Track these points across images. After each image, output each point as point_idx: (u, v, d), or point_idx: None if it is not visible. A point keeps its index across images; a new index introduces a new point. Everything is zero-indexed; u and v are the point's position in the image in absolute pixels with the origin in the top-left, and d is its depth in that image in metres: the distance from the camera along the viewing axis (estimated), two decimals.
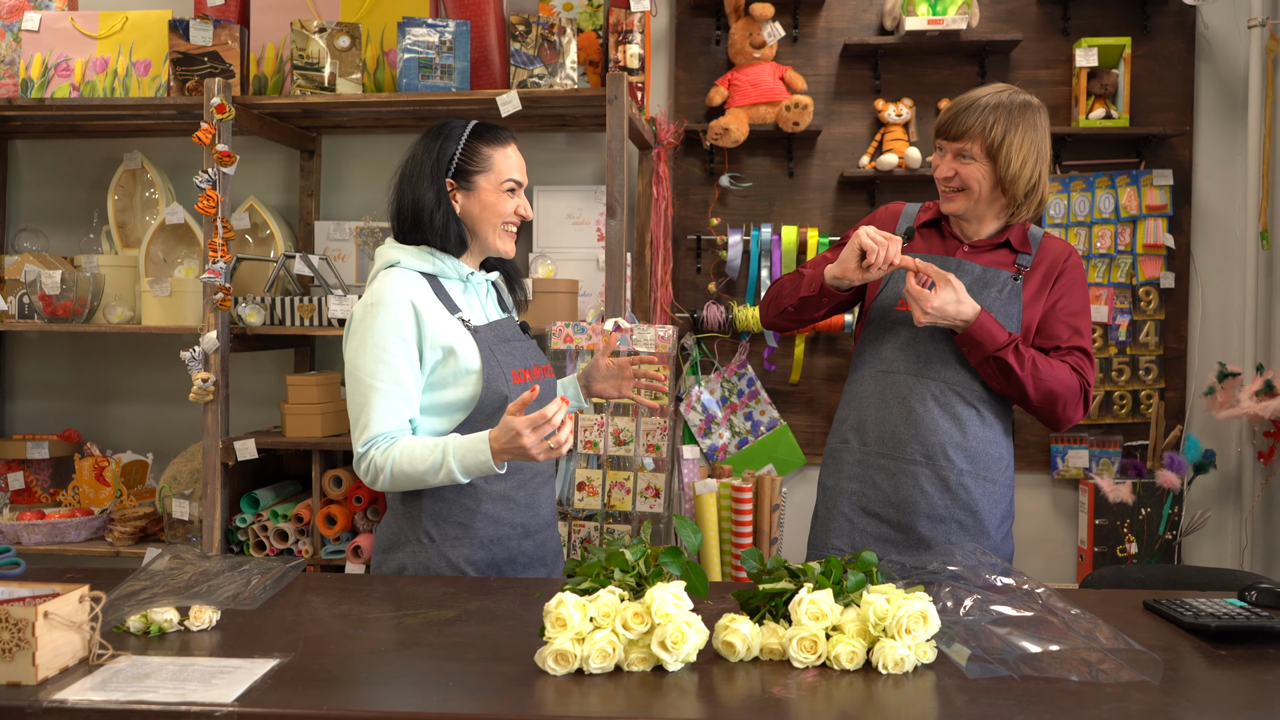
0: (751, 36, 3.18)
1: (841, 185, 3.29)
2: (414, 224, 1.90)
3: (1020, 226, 2.08)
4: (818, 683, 1.34)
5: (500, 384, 1.88)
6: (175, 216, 3.03)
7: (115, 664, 1.36)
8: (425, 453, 1.79)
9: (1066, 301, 2.04)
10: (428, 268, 1.91)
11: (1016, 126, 1.96)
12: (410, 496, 1.90)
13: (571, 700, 1.28)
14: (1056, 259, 2.06)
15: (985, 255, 2.06)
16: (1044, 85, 3.25)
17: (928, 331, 2.03)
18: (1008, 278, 2.02)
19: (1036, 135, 1.99)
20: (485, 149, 1.93)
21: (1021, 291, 2.02)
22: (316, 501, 2.87)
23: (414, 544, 1.90)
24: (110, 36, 3.06)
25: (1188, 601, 1.64)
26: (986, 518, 2.02)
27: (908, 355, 2.04)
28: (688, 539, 1.57)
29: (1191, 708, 1.27)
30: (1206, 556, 3.25)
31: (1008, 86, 2.04)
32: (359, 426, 1.83)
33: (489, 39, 2.92)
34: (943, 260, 2.05)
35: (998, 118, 1.96)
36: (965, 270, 2.03)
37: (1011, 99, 1.99)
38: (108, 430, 3.44)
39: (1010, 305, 2.01)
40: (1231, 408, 3.07)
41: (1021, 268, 2.03)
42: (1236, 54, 3.21)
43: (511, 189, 1.95)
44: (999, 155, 1.96)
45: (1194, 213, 3.24)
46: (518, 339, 2.01)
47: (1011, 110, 1.97)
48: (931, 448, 2.01)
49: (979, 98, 1.99)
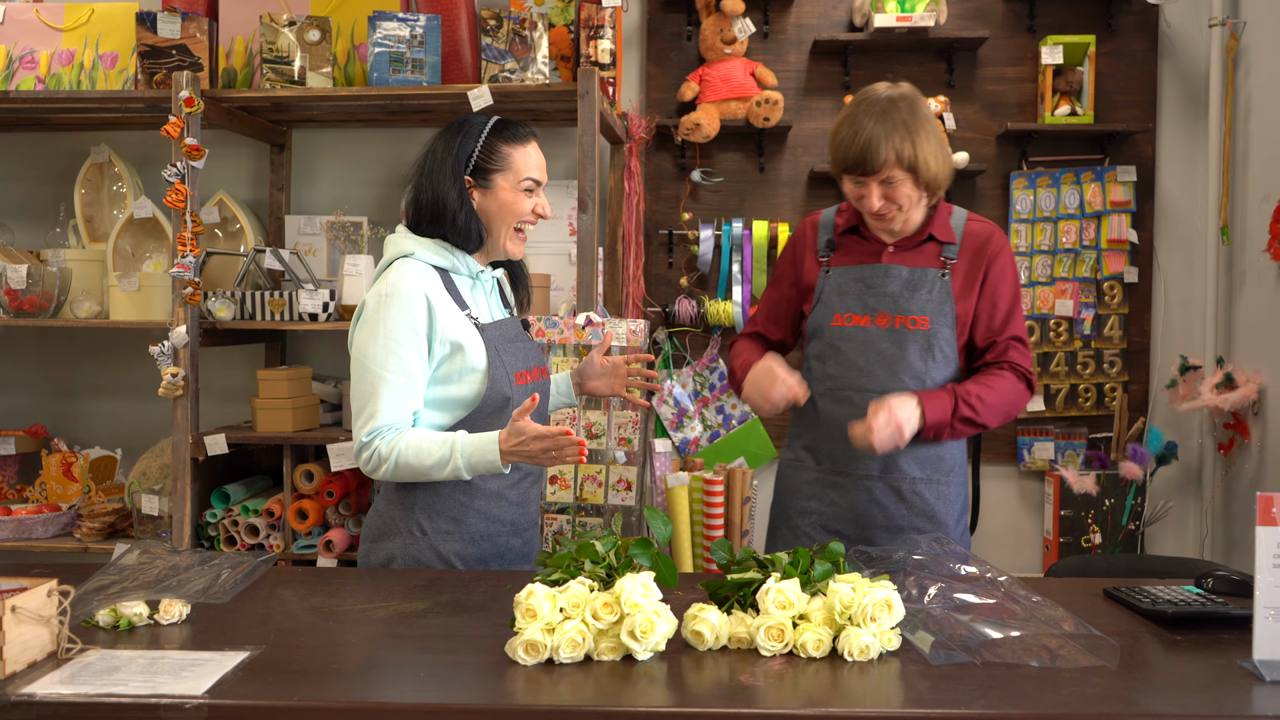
0: (722, 32, 3.20)
1: (812, 180, 3.32)
2: (433, 219, 1.89)
3: (942, 214, 2.05)
4: (785, 670, 1.36)
5: (504, 384, 1.88)
6: (143, 210, 3.00)
7: (84, 658, 1.36)
8: (433, 448, 1.79)
9: (999, 289, 2.03)
10: (442, 262, 1.90)
11: (918, 132, 1.92)
12: (404, 488, 1.90)
13: (542, 690, 1.29)
14: (982, 248, 2.03)
15: (910, 254, 2.03)
16: (1010, 82, 3.29)
17: (865, 348, 2.01)
18: (935, 276, 2.00)
19: (932, 125, 1.96)
20: (504, 147, 1.91)
21: (951, 287, 2.01)
22: (288, 496, 2.86)
23: (404, 535, 1.90)
24: (76, 28, 3.02)
25: (1146, 589, 1.68)
26: (944, 519, 2.04)
27: (849, 371, 2.03)
28: (658, 530, 1.59)
29: (1147, 691, 1.30)
30: (1169, 546, 3.31)
31: (879, 93, 1.97)
32: (364, 416, 1.82)
33: (460, 33, 2.92)
34: (869, 269, 2.04)
35: (902, 136, 1.91)
36: (893, 275, 2.02)
37: (898, 107, 1.93)
38: (75, 426, 3.41)
39: (943, 304, 2.00)
40: (1193, 400, 3.13)
41: (948, 260, 2.02)
42: (1198, 52, 3.27)
43: (529, 188, 1.93)
44: (918, 168, 1.93)
45: (1157, 208, 3.30)
46: (521, 339, 2.00)
47: (909, 120, 1.92)
48: (882, 461, 2.00)
49: (872, 125, 1.92)
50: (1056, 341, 3.30)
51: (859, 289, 2.04)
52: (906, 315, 1.99)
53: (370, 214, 3.29)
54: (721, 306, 3.26)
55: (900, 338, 1.99)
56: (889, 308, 2.01)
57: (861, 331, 2.01)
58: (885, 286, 2.01)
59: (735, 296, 3.27)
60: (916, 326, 1.99)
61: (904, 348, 1.99)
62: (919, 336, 1.99)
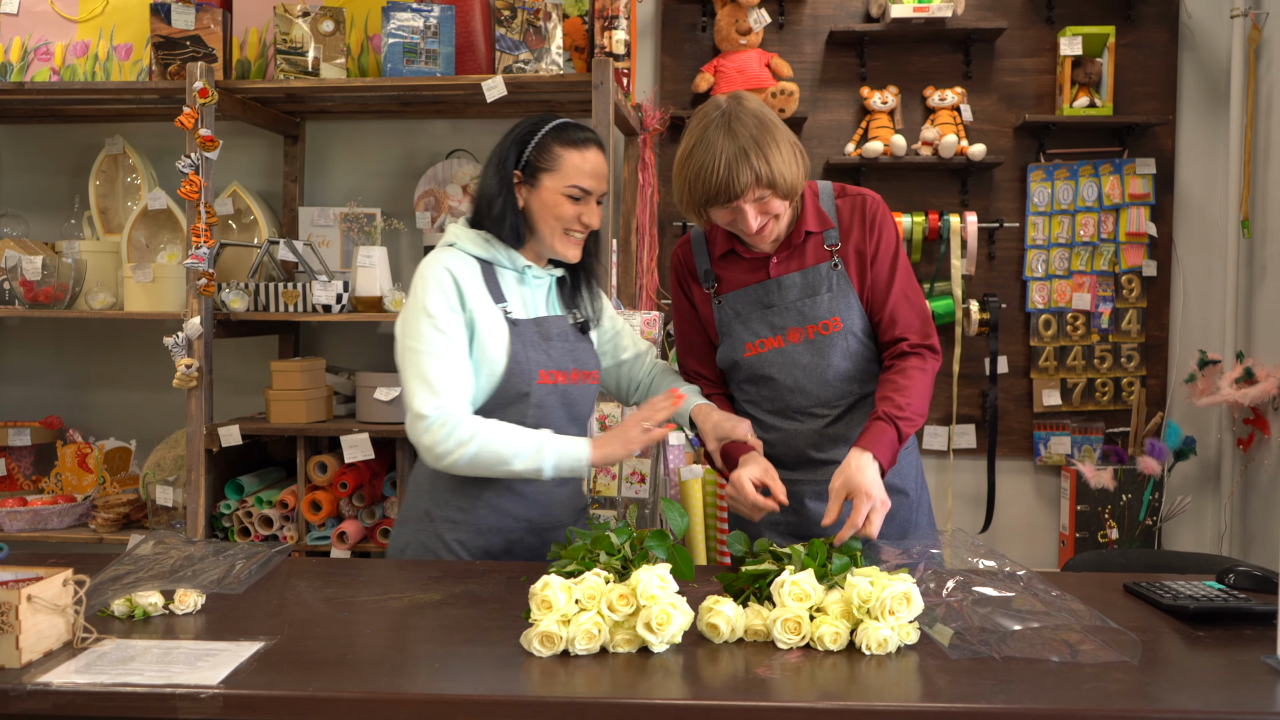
0: (737, 23, 3.18)
1: (827, 173, 3.29)
2: (478, 210, 1.91)
3: (810, 203, 1.93)
4: (801, 663, 1.35)
5: (521, 381, 1.86)
6: (158, 202, 3.01)
7: (99, 647, 1.36)
8: (518, 435, 1.79)
9: (883, 260, 1.92)
10: (482, 253, 1.89)
11: (767, 146, 1.78)
12: (422, 476, 1.91)
13: (557, 681, 1.28)
14: (861, 219, 1.93)
15: (796, 257, 1.93)
16: (1028, 74, 3.26)
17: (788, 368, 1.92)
18: (828, 269, 1.91)
19: (781, 131, 1.82)
20: (558, 148, 1.86)
21: (848, 275, 1.91)
22: (301, 487, 2.86)
23: (415, 523, 1.91)
24: (91, 20, 3.03)
25: (1167, 584, 1.66)
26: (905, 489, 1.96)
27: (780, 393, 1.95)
28: (674, 522, 1.58)
29: (1169, 687, 1.28)
30: (1186, 542, 3.29)
31: (722, 101, 1.84)
32: (421, 395, 1.77)
33: (474, 24, 2.90)
34: (762, 287, 1.93)
35: (756, 155, 1.77)
36: (786, 286, 1.92)
37: (740, 127, 1.78)
38: (90, 417, 3.42)
39: (846, 295, 1.91)
40: (1212, 395, 3.10)
41: (833, 247, 1.92)
42: (1219, 43, 3.23)
43: (575, 195, 1.86)
44: (777, 181, 1.79)
45: (1176, 201, 3.27)
46: (563, 339, 1.93)
47: (756, 138, 1.78)
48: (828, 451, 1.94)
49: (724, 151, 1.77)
50: (1074, 335, 3.28)
51: (758, 311, 1.94)
52: (816, 323, 1.91)
53: (384, 205, 3.29)
54: None
55: (817, 346, 1.91)
56: (795, 320, 1.91)
57: (778, 353, 1.92)
58: (784, 300, 1.92)
59: None
60: (830, 330, 1.90)
61: (825, 355, 1.91)
62: (836, 339, 1.90)
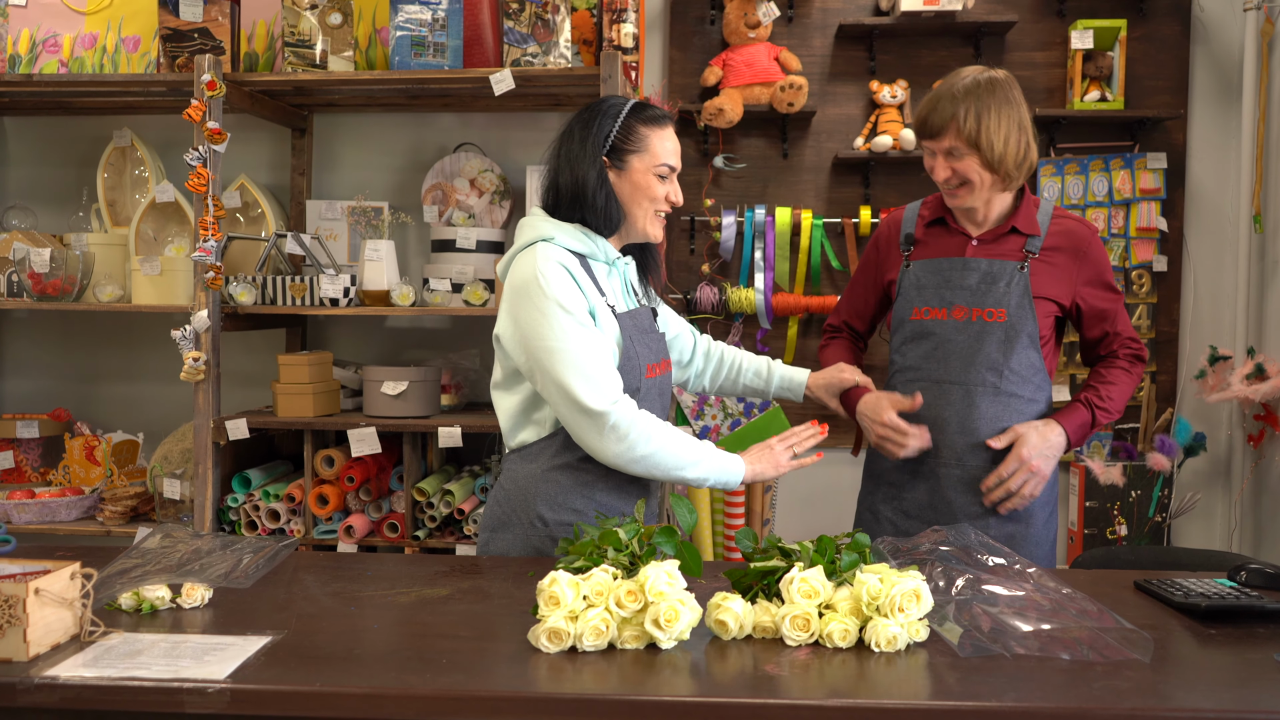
0: (746, 16, 3.17)
1: (836, 167, 3.28)
2: (572, 202, 1.85)
3: (1028, 206, 2.07)
4: (810, 660, 1.34)
5: (634, 377, 1.85)
6: (165, 195, 3.01)
7: (107, 641, 1.36)
8: (687, 443, 1.82)
9: (1098, 284, 2.07)
10: (580, 247, 1.85)
11: (988, 109, 1.94)
12: (524, 478, 1.87)
13: (565, 678, 1.28)
14: (1076, 245, 2.05)
15: (992, 246, 2.07)
16: (1039, 67, 3.24)
17: (941, 340, 2.06)
18: (1014, 269, 2.03)
19: (1011, 109, 1.97)
20: (643, 129, 1.86)
21: (1029, 281, 2.02)
22: (308, 481, 2.86)
23: (525, 526, 1.86)
24: (99, 12, 3.02)
25: (1178, 581, 1.65)
26: (1028, 512, 2.05)
27: (927, 363, 2.08)
28: (683, 518, 1.57)
29: (1181, 685, 1.27)
30: (1195, 539, 3.27)
31: (975, 69, 2.01)
32: (591, 390, 1.73)
33: (482, 17, 2.90)
34: (949, 262, 2.08)
35: (967, 107, 1.94)
36: (971, 269, 2.05)
37: (976, 81, 1.97)
38: (98, 410, 3.42)
39: (1023, 297, 2.02)
40: (1222, 391, 3.08)
41: (1029, 254, 2.04)
42: (1232, 37, 3.21)
43: (663, 174, 1.88)
44: (980, 142, 1.95)
45: (1187, 196, 3.25)
46: (652, 330, 1.96)
47: (979, 94, 1.95)
48: (962, 450, 2.04)
49: (945, 91, 1.98)
50: None
51: (936, 282, 2.07)
52: (983, 308, 2.03)
53: (391, 199, 3.28)
54: (743, 294, 3.23)
55: (977, 330, 2.03)
56: (965, 300, 2.04)
57: (938, 324, 2.05)
58: (963, 280, 2.05)
59: (757, 284, 3.24)
60: (994, 319, 2.02)
61: (981, 340, 2.02)
62: (996, 329, 2.02)
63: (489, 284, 2.91)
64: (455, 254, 3.00)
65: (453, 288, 2.88)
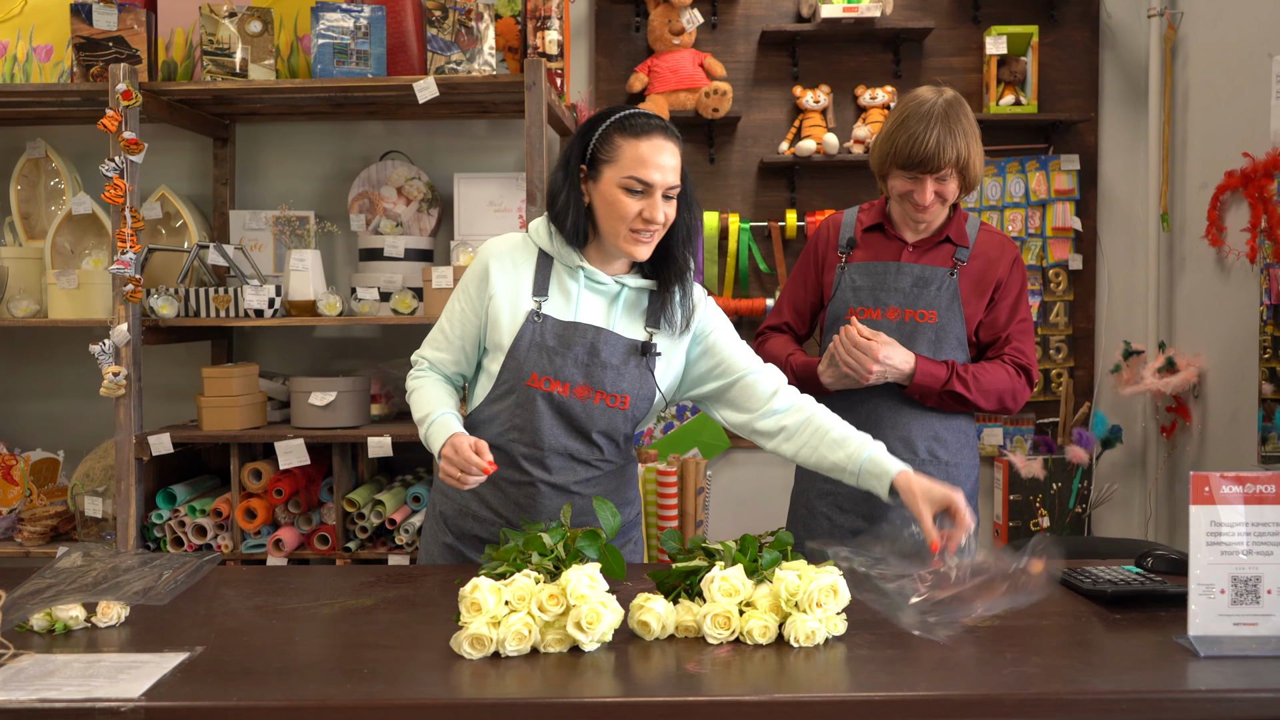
0: (670, 23, 3.20)
1: (762, 171, 3.33)
2: (546, 204, 1.87)
3: (959, 219, 2.16)
4: (731, 658, 1.37)
5: (511, 376, 1.83)
6: (82, 206, 2.94)
7: (17, 663, 1.33)
8: (422, 404, 1.87)
9: (1006, 299, 2.14)
10: (545, 246, 1.86)
11: (965, 133, 2.03)
12: None
13: (488, 683, 1.28)
14: (996, 259, 2.13)
15: (926, 254, 2.14)
16: (956, 72, 3.32)
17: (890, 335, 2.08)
18: (944, 274, 2.12)
19: (975, 127, 2.07)
20: (618, 138, 1.75)
21: (958, 287, 2.11)
22: (236, 495, 2.82)
23: (433, 520, 1.98)
24: (9, 20, 2.94)
25: (1088, 570, 1.71)
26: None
27: None
28: (605, 521, 1.58)
29: (1086, 669, 1.32)
30: (1114, 527, 3.38)
31: (929, 91, 2.06)
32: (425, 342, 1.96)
33: (405, 24, 2.88)
34: (884, 265, 2.14)
35: (958, 136, 2.02)
36: (905, 272, 2.13)
37: (953, 110, 2.03)
38: (15, 428, 3.33)
39: (951, 301, 2.10)
40: (1136, 384, 3.18)
41: (958, 262, 2.13)
42: (1138, 43, 3.32)
43: (632, 188, 1.73)
44: (967, 170, 2.06)
45: (1100, 196, 3.35)
46: (587, 351, 1.80)
47: (966, 126, 2.04)
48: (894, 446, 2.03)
49: (937, 125, 2.00)
50: None
51: (872, 284, 2.15)
52: (915, 309, 2.11)
53: (316, 208, 3.25)
54: None
55: (910, 330, 2.10)
56: (899, 302, 2.12)
57: (872, 324, 2.10)
58: (897, 283, 2.13)
59: None
60: (925, 320, 2.11)
61: (913, 340, 2.09)
62: (928, 329, 2.10)
63: (418, 292, 2.89)
64: (384, 263, 2.98)
65: (381, 296, 2.86)
